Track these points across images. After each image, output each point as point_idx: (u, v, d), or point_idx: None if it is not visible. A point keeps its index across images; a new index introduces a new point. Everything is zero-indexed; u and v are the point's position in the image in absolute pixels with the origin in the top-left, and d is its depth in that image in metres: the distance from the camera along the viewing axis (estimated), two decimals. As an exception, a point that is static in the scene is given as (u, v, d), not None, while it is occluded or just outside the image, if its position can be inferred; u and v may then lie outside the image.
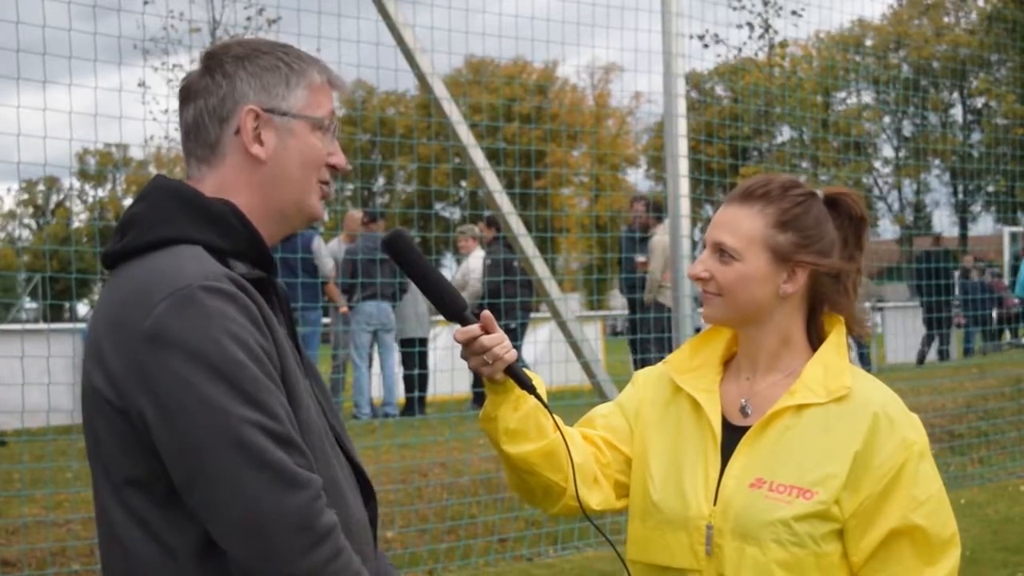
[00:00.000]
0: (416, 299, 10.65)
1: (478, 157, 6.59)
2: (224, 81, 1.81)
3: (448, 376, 7.52)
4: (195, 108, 1.82)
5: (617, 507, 2.26)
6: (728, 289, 2.13)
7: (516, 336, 10.73)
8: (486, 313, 2.03)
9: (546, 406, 2.12)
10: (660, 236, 10.83)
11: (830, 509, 2.02)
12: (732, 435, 2.13)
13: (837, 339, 2.15)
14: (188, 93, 1.84)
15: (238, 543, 1.62)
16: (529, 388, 2.08)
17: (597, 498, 2.21)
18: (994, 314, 16.10)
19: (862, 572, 2.05)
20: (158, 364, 1.62)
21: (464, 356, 2.04)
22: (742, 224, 2.12)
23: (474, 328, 2.01)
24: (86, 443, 1.77)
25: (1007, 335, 16.47)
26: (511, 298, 9.88)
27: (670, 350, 10.45)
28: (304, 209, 1.87)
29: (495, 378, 2.07)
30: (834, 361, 2.12)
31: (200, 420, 1.60)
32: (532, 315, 11.55)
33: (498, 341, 2.02)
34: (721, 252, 2.13)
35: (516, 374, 2.07)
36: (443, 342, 11.26)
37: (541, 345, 11.75)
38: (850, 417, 2.06)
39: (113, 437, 1.69)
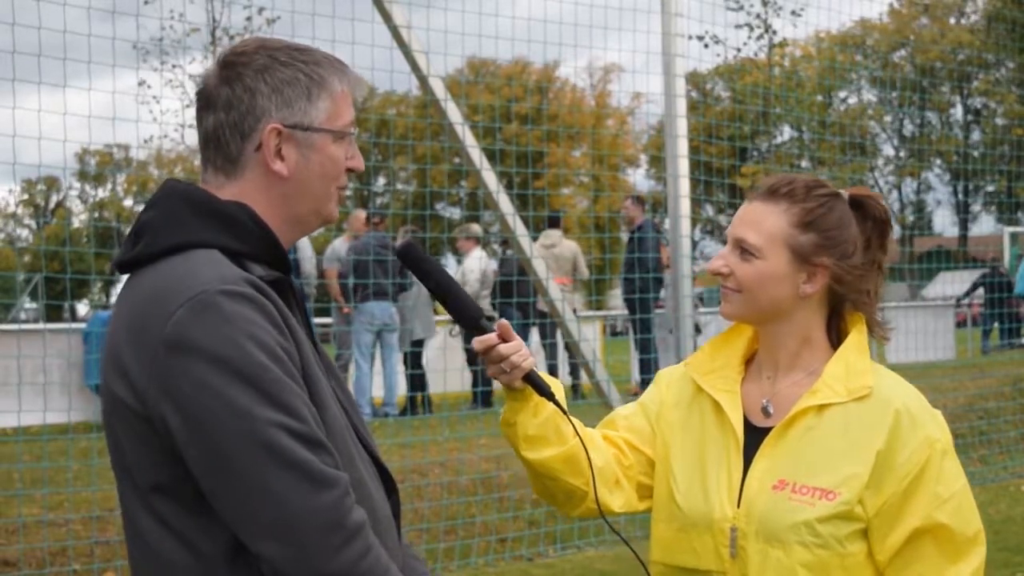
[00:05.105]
0: (424, 300, 10.62)
1: (478, 157, 6.58)
2: (245, 95, 1.77)
3: (441, 376, 7.54)
4: (215, 119, 1.79)
5: (640, 509, 2.25)
6: (747, 286, 2.11)
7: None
8: (503, 321, 2.02)
9: (564, 412, 2.11)
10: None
11: (853, 509, 2.01)
12: (754, 436, 2.12)
13: (858, 338, 2.14)
14: (207, 102, 1.80)
15: (269, 546, 1.61)
16: (548, 395, 2.07)
17: (619, 501, 2.20)
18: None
19: (887, 571, 2.04)
20: (180, 371, 1.61)
21: (476, 363, 2.03)
22: (765, 222, 2.11)
23: (492, 336, 2.00)
24: (109, 451, 1.76)
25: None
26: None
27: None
28: (322, 215, 1.87)
29: (513, 385, 2.06)
30: (855, 360, 2.11)
31: (225, 425, 1.60)
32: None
33: (516, 349, 2.01)
34: (742, 249, 2.12)
35: (534, 381, 2.06)
36: (436, 342, 11.30)
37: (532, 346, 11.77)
38: (872, 416, 2.05)
39: (137, 444, 1.68)
